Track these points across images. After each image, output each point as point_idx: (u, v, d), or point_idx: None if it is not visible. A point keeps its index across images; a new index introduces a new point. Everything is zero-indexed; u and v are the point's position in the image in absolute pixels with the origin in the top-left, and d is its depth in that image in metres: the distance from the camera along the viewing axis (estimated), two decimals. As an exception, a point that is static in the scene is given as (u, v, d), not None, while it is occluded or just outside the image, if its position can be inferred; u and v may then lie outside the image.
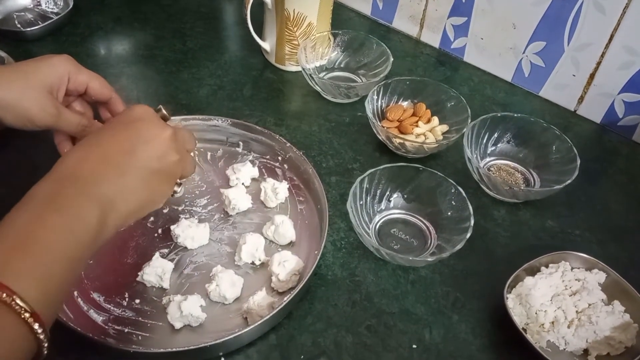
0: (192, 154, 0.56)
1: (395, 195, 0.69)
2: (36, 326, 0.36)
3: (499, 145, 0.77)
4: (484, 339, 0.58)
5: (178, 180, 0.54)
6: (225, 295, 0.57)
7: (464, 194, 0.64)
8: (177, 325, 0.56)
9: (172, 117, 0.69)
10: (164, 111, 0.55)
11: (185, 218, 0.65)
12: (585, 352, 0.57)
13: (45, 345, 0.37)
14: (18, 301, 0.35)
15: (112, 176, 0.46)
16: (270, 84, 0.88)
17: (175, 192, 0.54)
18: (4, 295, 0.35)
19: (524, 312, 0.58)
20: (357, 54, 0.89)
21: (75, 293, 0.58)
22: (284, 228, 0.63)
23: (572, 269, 0.61)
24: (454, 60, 0.95)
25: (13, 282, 0.35)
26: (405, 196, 0.69)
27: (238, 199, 0.66)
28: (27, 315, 0.35)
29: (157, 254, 0.61)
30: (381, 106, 0.80)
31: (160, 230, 0.65)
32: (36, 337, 0.36)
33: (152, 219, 0.66)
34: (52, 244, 0.40)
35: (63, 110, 0.57)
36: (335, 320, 0.58)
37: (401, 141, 0.72)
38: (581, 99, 0.84)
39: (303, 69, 0.82)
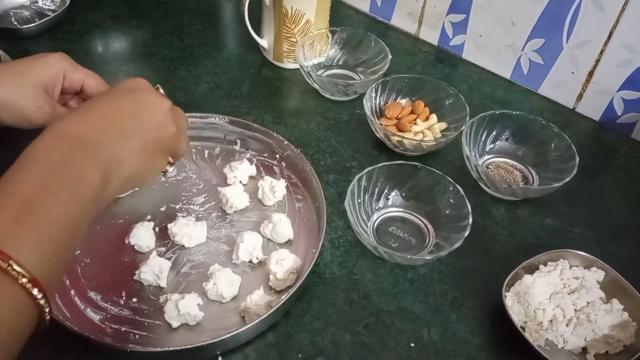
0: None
1: (393, 193, 0.69)
2: (35, 292, 0.35)
3: (497, 143, 0.77)
4: (483, 338, 0.58)
5: (170, 160, 0.54)
6: (222, 293, 0.57)
7: (462, 192, 0.64)
8: (175, 324, 0.56)
9: None
10: (161, 90, 0.55)
11: (183, 216, 0.64)
12: (584, 350, 0.57)
13: (47, 310, 0.37)
14: (15, 266, 0.34)
15: (116, 137, 0.45)
16: (268, 81, 0.87)
17: (166, 170, 0.54)
18: (1, 261, 0.34)
19: (522, 311, 0.58)
20: (356, 52, 0.88)
21: (72, 292, 0.58)
22: (282, 226, 0.63)
23: (570, 267, 0.61)
24: (453, 57, 0.94)
25: (10, 247, 0.35)
26: (404, 194, 0.69)
27: (235, 197, 0.66)
28: (24, 280, 0.34)
29: (154, 253, 0.61)
30: (379, 104, 0.80)
31: (157, 229, 0.64)
32: (36, 303, 0.36)
33: (149, 216, 0.66)
34: (54, 209, 0.38)
35: (59, 108, 0.56)
36: (333, 319, 0.58)
37: (399, 139, 0.72)
38: (580, 96, 0.84)
39: (301, 67, 0.82)
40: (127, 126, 0.47)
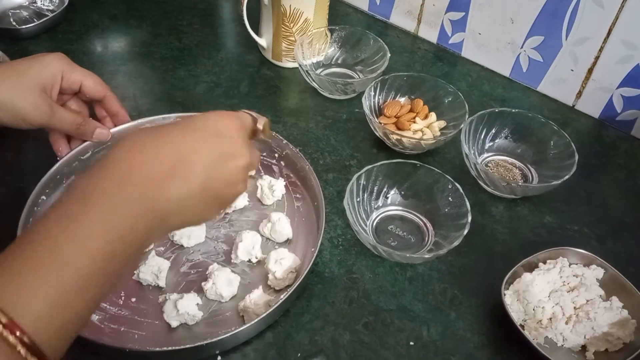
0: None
1: (392, 192, 0.69)
2: None
3: (496, 141, 0.76)
4: (482, 336, 0.58)
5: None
6: (221, 293, 0.57)
7: (461, 190, 0.63)
8: (174, 323, 0.56)
9: (167, 115, 0.69)
10: (260, 127, 0.49)
11: (182, 216, 0.64)
12: (584, 348, 0.56)
13: None
14: (16, 332, 0.31)
15: (176, 192, 0.40)
16: (267, 80, 0.87)
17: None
18: (9, 334, 0.31)
19: (521, 309, 0.58)
20: (354, 50, 0.88)
21: (71, 292, 0.58)
22: (281, 225, 0.63)
23: (570, 265, 0.61)
24: (452, 55, 0.94)
25: (15, 310, 0.31)
26: (403, 193, 0.69)
27: (234, 196, 0.66)
28: (22, 349, 0.31)
29: (153, 253, 0.61)
30: (378, 102, 0.79)
31: (156, 229, 0.64)
32: None
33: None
34: (84, 265, 0.35)
35: (57, 109, 0.56)
36: (333, 317, 0.58)
37: (398, 137, 0.72)
38: (579, 93, 0.84)
39: (300, 66, 0.82)
40: (192, 180, 0.41)
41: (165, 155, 0.40)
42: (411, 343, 0.57)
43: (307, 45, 0.85)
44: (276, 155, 0.72)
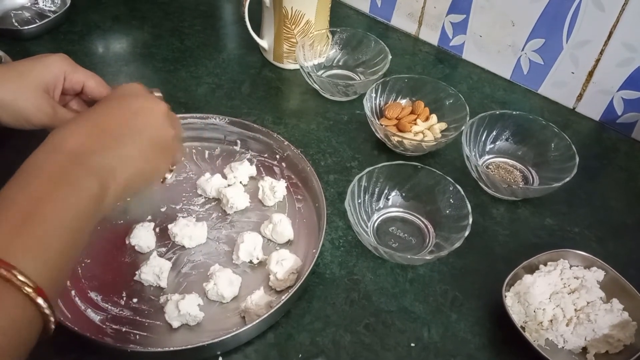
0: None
1: (393, 194, 0.69)
2: (40, 300, 0.35)
3: (497, 143, 0.77)
4: (483, 338, 0.58)
5: (170, 167, 0.54)
6: (223, 294, 0.57)
7: (462, 192, 0.64)
8: (175, 324, 0.56)
9: None
10: (158, 94, 0.55)
11: (183, 217, 0.65)
12: (584, 350, 0.57)
13: (52, 320, 0.37)
14: (19, 276, 0.34)
15: (110, 146, 0.46)
16: (268, 82, 0.87)
17: (165, 177, 0.54)
18: (4, 271, 0.34)
19: (522, 311, 0.58)
20: (356, 52, 0.89)
21: (73, 292, 0.58)
22: (282, 227, 0.63)
23: (570, 267, 0.61)
24: (453, 57, 0.94)
25: (13, 258, 0.35)
26: (404, 194, 0.69)
27: (236, 197, 0.66)
28: (29, 290, 0.35)
29: (154, 253, 0.61)
30: (379, 104, 0.80)
31: (157, 229, 0.64)
32: (41, 312, 0.36)
33: (149, 217, 0.66)
34: (53, 218, 0.39)
35: (59, 109, 0.56)
36: (334, 319, 0.58)
37: (399, 139, 0.72)
38: (580, 96, 0.84)
39: (301, 67, 0.82)
40: (121, 134, 0.47)
41: (89, 125, 0.47)
42: (412, 344, 0.57)
43: (308, 47, 0.85)
44: (277, 156, 0.72)
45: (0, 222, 0.37)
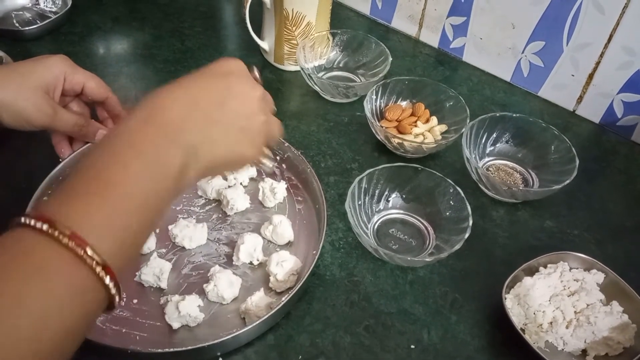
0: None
1: (393, 195, 0.69)
2: (107, 280, 0.35)
3: (497, 145, 0.77)
4: (483, 340, 0.58)
5: (269, 154, 0.53)
6: (223, 295, 0.57)
7: (462, 194, 0.64)
8: (175, 325, 0.56)
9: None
10: (256, 73, 0.53)
11: (183, 218, 0.65)
12: (584, 352, 0.57)
13: (117, 299, 0.36)
14: (90, 253, 0.34)
15: (200, 124, 0.44)
16: (269, 83, 0.87)
17: (263, 163, 0.53)
18: (76, 247, 0.33)
19: (522, 313, 0.58)
20: (356, 54, 0.89)
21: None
22: (282, 228, 0.63)
23: (570, 269, 0.61)
24: (453, 60, 0.95)
25: (87, 232, 0.34)
26: (404, 196, 0.69)
27: (236, 198, 0.66)
28: (98, 269, 0.34)
29: (154, 254, 0.61)
30: (380, 106, 0.80)
31: (157, 230, 0.64)
32: (107, 290, 0.35)
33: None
34: (132, 192, 0.38)
35: (59, 110, 0.57)
36: (334, 320, 0.58)
37: (400, 141, 0.72)
38: (580, 99, 0.84)
39: (302, 69, 0.82)
40: (213, 113, 0.45)
41: (181, 98, 0.44)
42: (412, 346, 0.57)
43: (309, 48, 0.85)
44: (278, 158, 0.72)
45: (79, 190, 0.37)
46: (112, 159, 0.38)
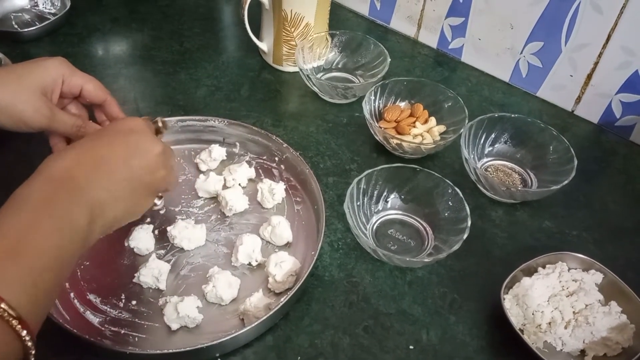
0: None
1: (392, 196, 0.69)
2: (24, 333, 0.36)
3: (496, 145, 0.77)
4: (481, 340, 0.58)
5: (160, 194, 0.56)
6: (221, 296, 0.57)
7: (461, 195, 0.64)
8: (174, 326, 0.56)
9: (169, 118, 0.69)
10: (159, 124, 0.57)
11: (182, 219, 0.65)
12: (582, 352, 0.57)
13: (32, 352, 0.37)
14: (6, 308, 0.35)
15: (105, 182, 0.47)
16: (267, 84, 0.87)
17: (155, 204, 0.56)
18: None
19: (521, 313, 0.58)
20: (355, 55, 0.89)
21: (72, 294, 0.58)
22: (281, 229, 0.63)
23: (569, 269, 0.61)
24: (452, 60, 0.95)
25: (3, 289, 0.35)
26: (403, 197, 0.69)
27: (235, 199, 0.66)
28: (15, 322, 0.35)
29: (153, 255, 0.61)
30: (379, 107, 0.80)
31: (156, 232, 0.65)
32: (24, 344, 0.36)
33: (148, 219, 0.66)
34: (44, 250, 0.39)
35: (57, 112, 0.57)
36: (332, 321, 0.58)
37: (398, 142, 0.72)
38: (578, 99, 0.84)
39: (300, 70, 0.82)
40: (116, 171, 0.48)
41: (85, 157, 0.47)
42: (411, 347, 0.57)
43: (307, 49, 0.85)
44: (276, 158, 0.72)
45: None
46: (24, 220, 0.40)
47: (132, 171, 0.49)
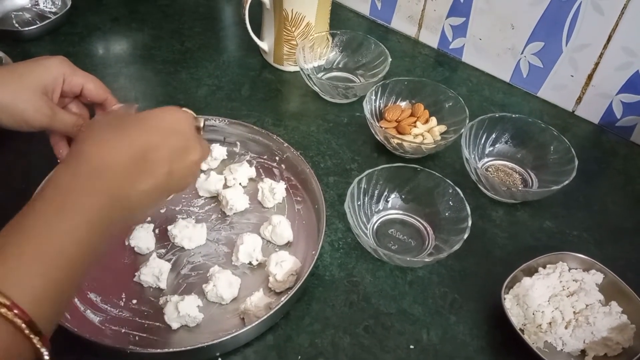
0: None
1: (393, 196, 0.69)
2: (36, 340, 0.35)
3: (497, 145, 0.77)
4: (482, 340, 0.58)
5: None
6: (222, 295, 0.57)
7: (461, 195, 0.64)
8: (174, 325, 0.56)
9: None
10: (200, 124, 0.53)
11: (183, 218, 0.65)
12: (583, 353, 0.57)
13: (46, 354, 0.36)
14: (16, 311, 0.34)
15: (134, 178, 0.44)
16: (268, 84, 0.87)
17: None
18: (2, 308, 0.34)
19: (521, 313, 0.58)
20: (356, 54, 0.89)
21: (72, 293, 0.58)
22: (282, 228, 0.63)
23: (569, 269, 0.61)
24: (453, 60, 0.95)
25: (11, 288, 0.34)
26: (403, 197, 0.69)
27: (235, 199, 0.66)
28: (23, 326, 0.34)
29: (154, 255, 0.61)
30: (379, 106, 0.80)
31: (157, 231, 0.64)
32: (35, 349, 0.35)
33: (149, 218, 0.66)
34: (63, 249, 0.38)
35: (58, 111, 0.57)
36: (333, 320, 0.58)
37: (399, 141, 0.72)
38: (579, 99, 0.84)
39: (301, 69, 0.82)
40: (161, 172, 0.46)
41: (128, 151, 0.44)
42: (411, 346, 0.57)
43: (308, 49, 0.85)
44: (277, 158, 0.72)
45: (12, 245, 0.37)
46: (47, 215, 0.39)
47: (169, 177, 0.47)
